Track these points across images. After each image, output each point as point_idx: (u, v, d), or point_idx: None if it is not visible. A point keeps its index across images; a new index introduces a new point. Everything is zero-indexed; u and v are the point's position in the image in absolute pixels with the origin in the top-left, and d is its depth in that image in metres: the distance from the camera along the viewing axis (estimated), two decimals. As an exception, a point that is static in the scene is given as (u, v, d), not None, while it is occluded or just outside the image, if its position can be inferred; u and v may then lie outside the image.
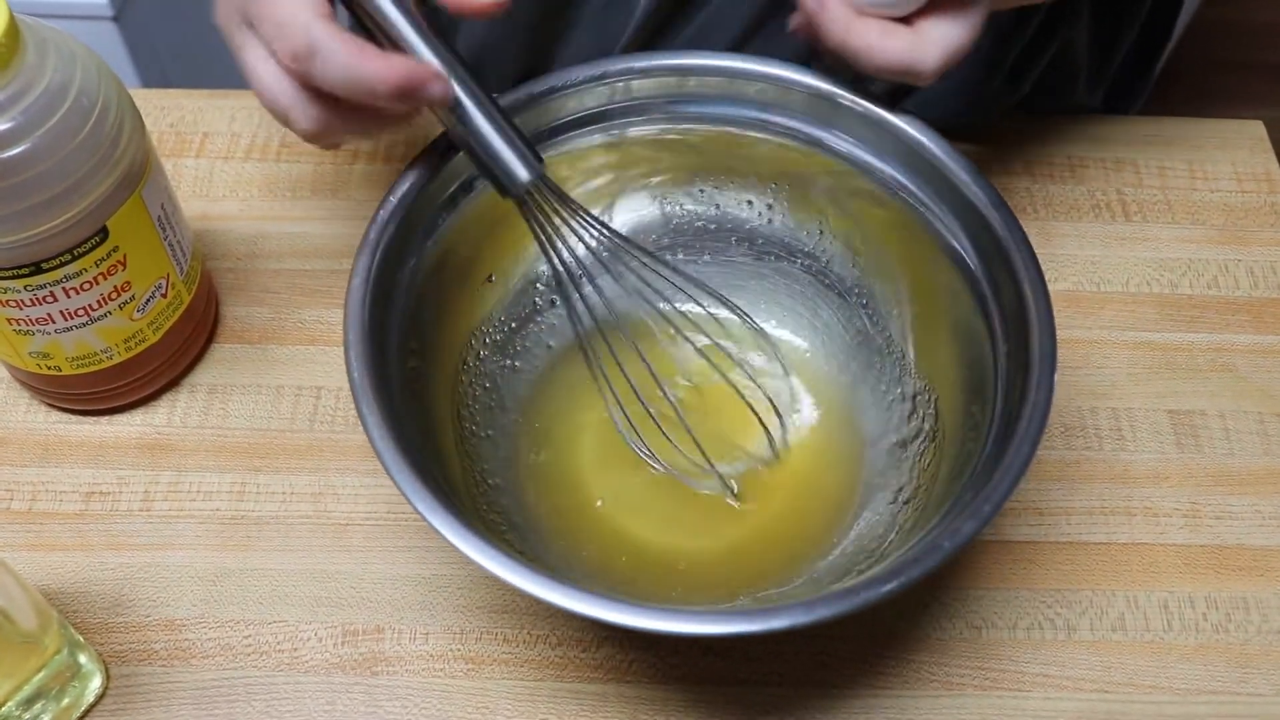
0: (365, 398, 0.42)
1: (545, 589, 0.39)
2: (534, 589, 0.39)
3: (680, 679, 0.49)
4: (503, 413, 0.53)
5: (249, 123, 0.66)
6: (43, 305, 0.48)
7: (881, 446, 0.52)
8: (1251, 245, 0.62)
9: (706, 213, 0.56)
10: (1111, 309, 0.60)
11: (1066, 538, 0.53)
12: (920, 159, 0.49)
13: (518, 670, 0.49)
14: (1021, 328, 0.45)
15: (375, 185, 0.63)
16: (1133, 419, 0.56)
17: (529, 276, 0.55)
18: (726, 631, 0.39)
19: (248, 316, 0.59)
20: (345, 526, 0.52)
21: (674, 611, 0.39)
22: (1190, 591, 0.52)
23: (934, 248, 0.50)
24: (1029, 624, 0.51)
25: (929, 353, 0.52)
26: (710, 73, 0.51)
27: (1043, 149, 0.66)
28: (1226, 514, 0.54)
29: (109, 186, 0.46)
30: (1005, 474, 0.41)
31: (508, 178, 0.45)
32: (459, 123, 0.44)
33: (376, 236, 0.46)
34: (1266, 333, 0.59)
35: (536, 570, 0.39)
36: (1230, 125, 0.67)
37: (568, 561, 0.49)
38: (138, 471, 0.54)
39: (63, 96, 0.44)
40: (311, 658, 0.49)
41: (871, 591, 0.39)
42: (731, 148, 0.53)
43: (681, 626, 0.39)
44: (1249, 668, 0.50)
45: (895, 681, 0.49)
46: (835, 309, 0.55)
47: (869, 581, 0.39)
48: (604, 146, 0.53)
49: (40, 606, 0.44)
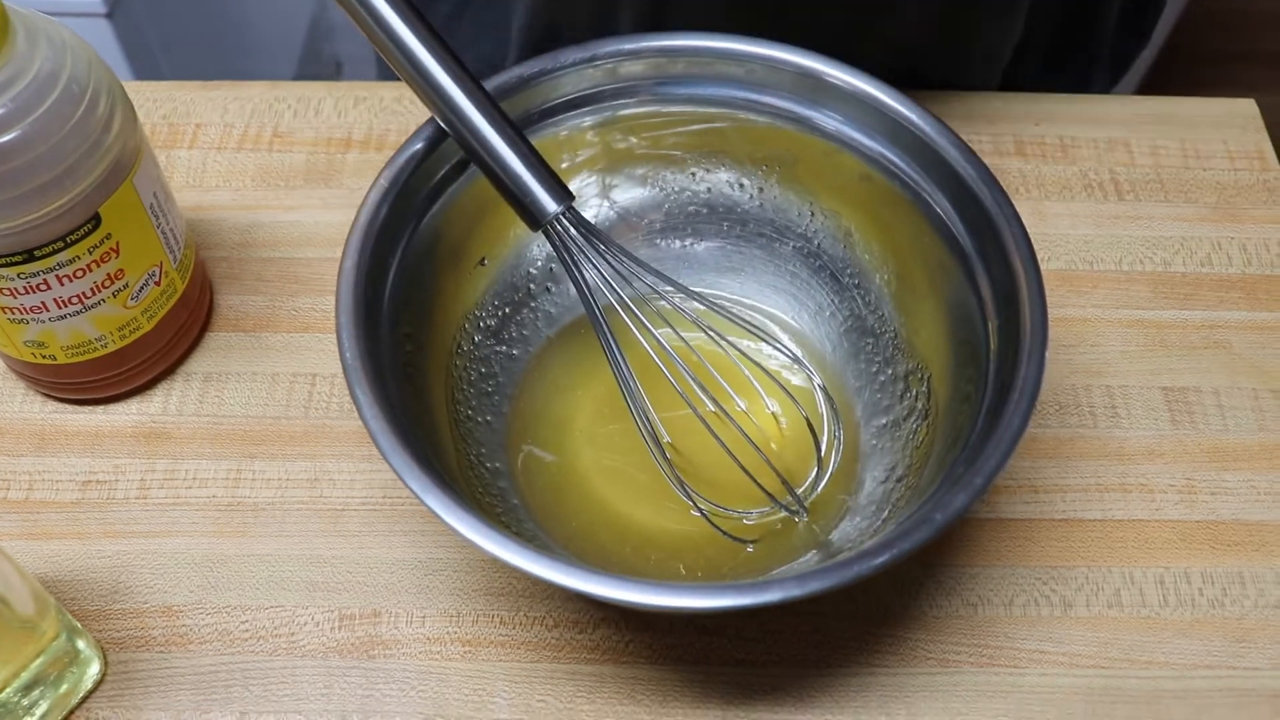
0: (359, 381, 0.42)
1: (539, 565, 0.39)
2: (527, 565, 0.39)
3: (677, 659, 0.49)
4: (499, 398, 0.53)
5: (241, 113, 0.66)
6: (36, 293, 0.48)
7: (874, 426, 0.52)
8: (1244, 223, 0.63)
9: (698, 195, 0.56)
10: (1105, 287, 0.60)
11: (1062, 515, 0.53)
12: (910, 136, 0.49)
13: (514, 652, 0.49)
14: (1012, 302, 0.45)
15: (368, 173, 0.64)
16: (1127, 396, 0.56)
17: (521, 260, 0.55)
18: (719, 605, 0.39)
19: (242, 305, 0.59)
20: (341, 511, 0.53)
21: (666, 586, 0.39)
22: (1186, 567, 0.52)
23: (925, 225, 0.50)
24: (1025, 601, 0.51)
25: (921, 331, 0.52)
26: (698, 54, 0.51)
27: (1035, 129, 0.66)
28: (1221, 489, 0.54)
29: (100, 173, 0.46)
30: (997, 447, 0.41)
31: (536, 208, 0.46)
32: (485, 154, 0.45)
33: (368, 219, 0.46)
34: (1260, 309, 0.59)
35: (529, 547, 0.39)
36: (1222, 104, 0.67)
37: (565, 544, 0.49)
38: (134, 460, 0.54)
39: (53, 84, 0.44)
40: (308, 642, 0.49)
41: (864, 564, 0.39)
42: (721, 128, 0.53)
43: (675, 601, 0.39)
44: (1245, 642, 0.50)
45: (891, 659, 0.49)
46: (828, 290, 0.55)
47: (861, 555, 0.39)
48: (595, 128, 0.53)
49: (38, 592, 0.45)
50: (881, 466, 0.51)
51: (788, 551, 0.50)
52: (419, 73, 0.45)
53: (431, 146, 0.48)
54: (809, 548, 0.49)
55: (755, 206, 0.55)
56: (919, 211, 0.50)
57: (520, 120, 0.49)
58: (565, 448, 0.53)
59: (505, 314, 0.54)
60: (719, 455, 0.49)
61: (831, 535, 0.50)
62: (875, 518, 0.49)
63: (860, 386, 0.54)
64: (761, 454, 0.50)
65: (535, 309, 0.55)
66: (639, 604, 0.39)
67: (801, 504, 0.50)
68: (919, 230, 0.50)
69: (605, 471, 0.52)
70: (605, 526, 0.51)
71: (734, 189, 0.55)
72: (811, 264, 0.55)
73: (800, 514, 0.50)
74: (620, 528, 0.51)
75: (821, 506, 0.51)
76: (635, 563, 0.50)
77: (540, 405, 0.54)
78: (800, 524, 0.50)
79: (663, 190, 0.56)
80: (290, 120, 0.66)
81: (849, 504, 0.50)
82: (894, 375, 0.53)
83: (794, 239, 0.55)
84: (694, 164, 0.55)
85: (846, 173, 0.52)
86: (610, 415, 0.53)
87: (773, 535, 0.50)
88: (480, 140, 0.46)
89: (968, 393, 0.47)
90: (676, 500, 0.51)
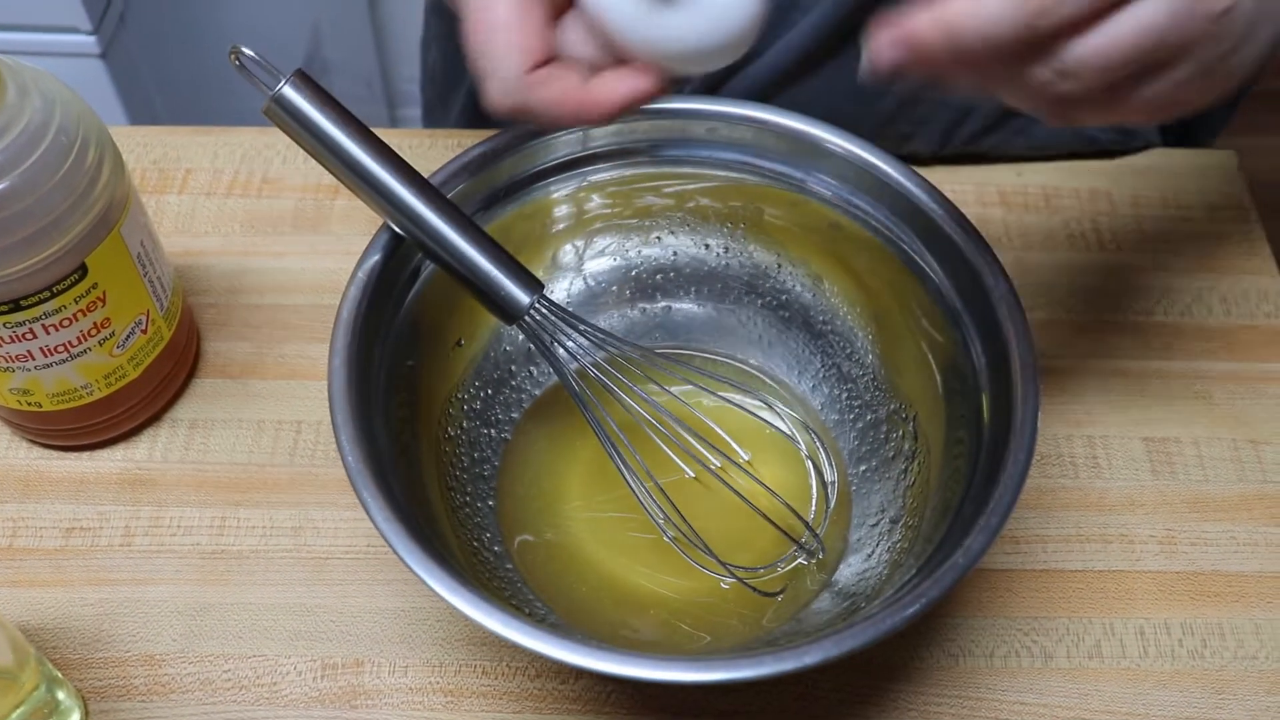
0: (362, 479, 0.42)
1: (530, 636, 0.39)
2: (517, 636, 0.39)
3: (659, 710, 0.49)
4: (494, 482, 0.53)
5: (231, 159, 0.66)
6: (22, 342, 0.48)
7: (860, 468, 0.53)
8: (1225, 273, 0.63)
9: (664, 259, 0.56)
10: (1086, 338, 0.61)
11: (1043, 565, 0.53)
12: (881, 184, 0.50)
13: (496, 703, 0.49)
14: (998, 341, 0.46)
15: (355, 220, 0.64)
16: (1108, 446, 0.57)
17: (497, 339, 0.55)
18: (759, 674, 0.38)
19: (229, 351, 0.59)
20: (325, 560, 0.53)
21: (701, 661, 0.38)
22: (1166, 618, 0.52)
23: (902, 269, 0.50)
24: (1006, 652, 0.51)
25: (904, 373, 0.52)
26: (662, 115, 0.52)
27: (1017, 180, 0.66)
28: (1201, 540, 0.54)
29: (88, 224, 0.47)
30: (1006, 486, 0.42)
31: (510, 305, 0.46)
32: (450, 257, 0.45)
33: (350, 314, 0.46)
34: (1240, 359, 0.60)
35: (511, 614, 0.39)
36: (1203, 155, 0.68)
37: (571, 618, 0.49)
38: (118, 507, 0.54)
39: (42, 135, 0.44)
40: (291, 691, 0.49)
41: (897, 616, 0.39)
42: (687, 187, 0.54)
43: (712, 675, 0.38)
44: (1225, 693, 0.50)
45: (874, 710, 0.49)
46: (802, 339, 0.55)
47: (889, 607, 0.39)
48: (568, 196, 0.53)
49: (17, 642, 0.45)
50: (872, 507, 0.51)
51: (803, 596, 0.50)
52: (370, 184, 0.44)
53: (389, 254, 0.48)
54: (820, 590, 0.50)
55: (722, 267, 0.56)
56: (893, 256, 0.50)
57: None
58: (559, 525, 0.53)
59: (488, 395, 0.54)
60: (713, 512, 0.50)
61: (835, 577, 0.50)
62: (874, 558, 0.49)
63: (843, 431, 0.54)
64: (778, 497, 0.50)
65: (517, 388, 0.55)
66: (673, 681, 0.38)
67: (820, 542, 0.51)
68: (896, 274, 0.51)
69: (602, 541, 0.52)
70: (607, 594, 0.51)
71: (700, 249, 0.56)
72: (783, 315, 0.56)
73: (819, 552, 0.51)
74: (621, 593, 0.51)
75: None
76: (643, 631, 0.50)
77: (528, 485, 0.53)
78: (809, 568, 0.51)
79: (631, 257, 0.56)
80: (279, 166, 0.66)
81: (844, 544, 0.51)
82: (876, 419, 0.53)
83: (765, 293, 0.56)
84: (659, 229, 0.56)
85: (815, 220, 0.52)
86: (601, 485, 0.53)
87: (792, 583, 0.51)
88: (443, 243, 0.45)
89: (960, 433, 0.47)
90: (674, 559, 0.51)
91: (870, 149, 0.50)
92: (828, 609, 0.48)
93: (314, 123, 0.43)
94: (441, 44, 0.78)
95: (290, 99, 0.43)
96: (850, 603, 0.47)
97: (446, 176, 0.49)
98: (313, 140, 0.44)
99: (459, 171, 0.50)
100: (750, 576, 0.50)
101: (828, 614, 0.48)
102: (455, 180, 0.49)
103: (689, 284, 0.57)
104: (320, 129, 0.44)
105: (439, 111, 0.81)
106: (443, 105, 0.79)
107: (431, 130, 0.69)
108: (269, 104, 0.43)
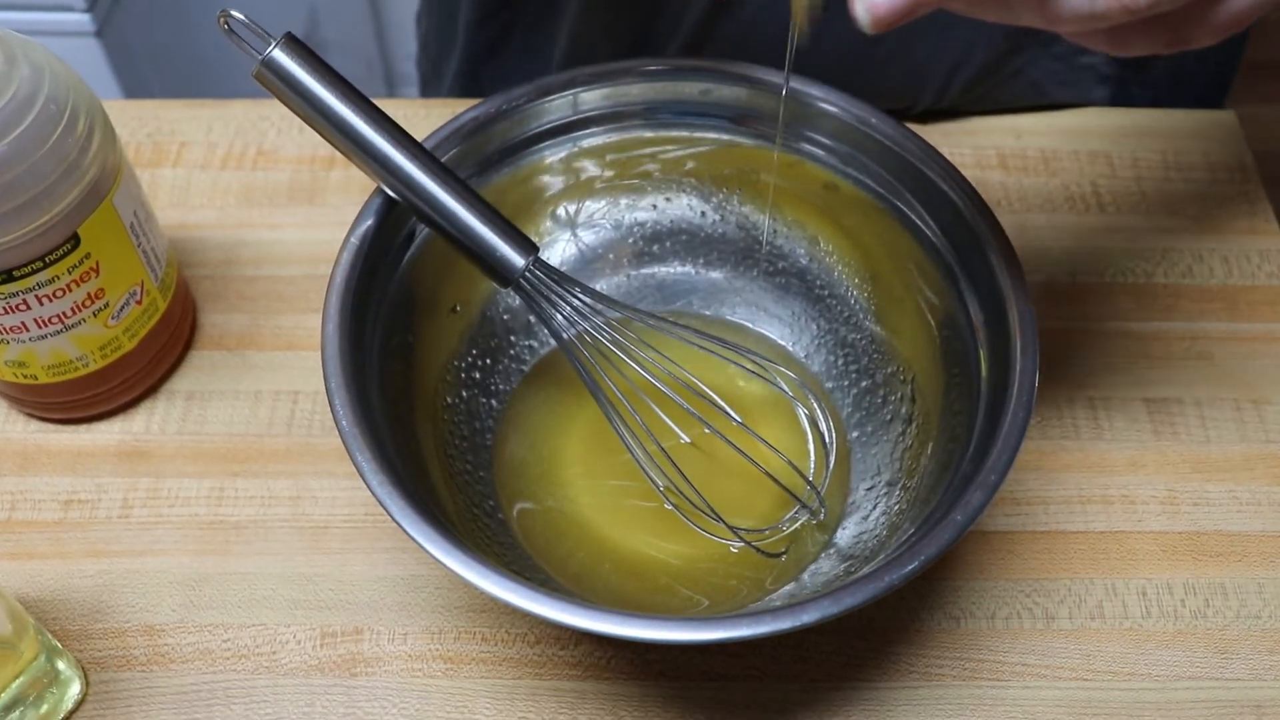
0: (356, 443, 0.41)
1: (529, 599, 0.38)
2: (516, 599, 0.38)
3: (659, 675, 0.49)
4: (487, 448, 0.53)
5: (225, 132, 0.66)
6: (16, 313, 0.48)
7: (858, 430, 0.52)
8: (1225, 234, 0.63)
9: (658, 223, 0.56)
10: (1087, 300, 0.60)
11: (1044, 527, 0.53)
12: (877, 143, 0.49)
13: (496, 669, 0.49)
14: (997, 301, 0.45)
15: (351, 192, 0.64)
16: (1109, 408, 0.56)
17: (494, 305, 0.54)
18: (757, 633, 0.38)
19: (225, 323, 0.59)
20: (323, 529, 0.52)
21: (703, 621, 0.38)
22: (1168, 578, 0.52)
23: (899, 229, 0.50)
24: (1007, 614, 0.51)
25: (902, 334, 0.52)
26: (655, 77, 0.51)
27: (1016, 142, 0.66)
28: (1204, 500, 0.54)
29: (79, 193, 0.46)
30: (1005, 443, 0.42)
31: (504, 266, 0.45)
32: (443, 219, 0.45)
33: (344, 279, 0.46)
34: (1241, 320, 0.59)
35: (509, 576, 0.39)
36: (1203, 115, 0.68)
37: (570, 583, 0.49)
38: (116, 479, 0.54)
39: (30, 104, 0.44)
40: (290, 660, 0.49)
41: (895, 574, 0.39)
42: (680, 151, 0.53)
43: (713, 634, 0.38)
44: (1228, 653, 0.50)
45: (875, 673, 0.49)
46: (800, 302, 0.55)
47: (888, 565, 0.39)
48: (562, 161, 0.53)
49: (15, 612, 0.44)
50: (869, 469, 0.51)
51: (805, 559, 0.50)
52: (362, 148, 0.44)
53: (382, 219, 0.47)
54: (820, 551, 0.49)
55: (717, 230, 0.56)
56: (890, 217, 0.50)
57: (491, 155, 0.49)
58: (558, 492, 0.52)
59: (486, 363, 0.54)
60: (712, 475, 0.49)
61: (836, 538, 0.50)
62: (873, 519, 0.49)
63: (841, 395, 0.54)
64: (780, 454, 0.50)
65: (515, 356, 0.55)
66: (676, 641, 0.38)
67: (822, 501, 0.50)
68: (893, 235, 0.50)
69: (601, 507, 0.52)
70: (608, 560, 0.50)
71: (695, 213, 0.55)
72: (779, 279, 0.55)
73: (822, 511, 0.50)
74: (620, 558, 0.50)
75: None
76: (641, 596, 0.49)
77: (527, 453, 0.53)
78: (809, 530, 0.50)
79: (624, 222, 0.56)
80: (274, 138, 0.66)
81: (844, 506, 0.51)
82: (874, 383, 0.53)
83: (761, 257, 0.55)
84: (655, 194, 0.55)
85: (810, 182, 0.52)
86: (600, 452, 0.53)
87: (793, 545, 0.51)
88: (436, 207, 0.45)
89: (957, 394, 0.47)
90: (675, 524, 0.51)
91: (865, 108, 0.49)
92: (828, 571, 0.48)
93: (305, 86, 0.43)
94: (434, 12, 0.78)
95: (280, 62, 0.43)
96: (849, 565, 0.47)
97: (438, 141, 0.49)
98: (304, 104, 0.43)
99: (451, 136, 0.49)
100: (756, 538, 0.50)
101: (827, 576, 0.48)
102: (447, 145, 0.49)
103: (683, 248, 0.56)
104: (312, 93, 0.43)
105: (434, 84, 0.80)
106: (436, 76, 0.79)
107: (426, 100, 0.68)
108: (259, 68, 0.43)
